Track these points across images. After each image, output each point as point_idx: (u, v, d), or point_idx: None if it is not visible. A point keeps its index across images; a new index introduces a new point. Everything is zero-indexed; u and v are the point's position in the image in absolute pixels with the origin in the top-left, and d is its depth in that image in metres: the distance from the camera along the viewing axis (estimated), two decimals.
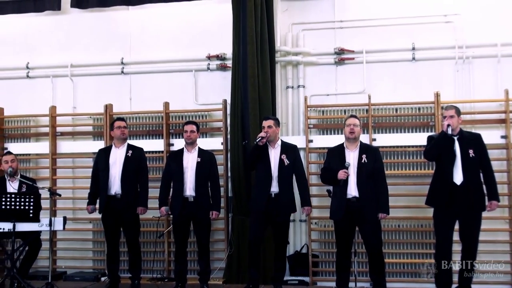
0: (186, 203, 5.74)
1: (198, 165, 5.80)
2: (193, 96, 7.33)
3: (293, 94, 7.18)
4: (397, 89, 6.91)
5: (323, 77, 7.13)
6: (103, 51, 7.60)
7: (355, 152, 5.37)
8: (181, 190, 5.74)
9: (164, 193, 5.91)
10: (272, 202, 5.55)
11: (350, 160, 5.33)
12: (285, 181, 5.59)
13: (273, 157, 5.65)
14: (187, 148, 5.92)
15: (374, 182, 5.30)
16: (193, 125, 5.96)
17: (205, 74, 7.37)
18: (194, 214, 5.76)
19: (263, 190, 5.57)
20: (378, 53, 7.00)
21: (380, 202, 5.29)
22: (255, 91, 6.58)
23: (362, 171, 5.28)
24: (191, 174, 5.77)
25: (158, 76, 7.46)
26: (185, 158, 5.86)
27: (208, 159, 5.88)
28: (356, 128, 5.38)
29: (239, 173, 6.54)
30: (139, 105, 7.39)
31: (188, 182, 5.76)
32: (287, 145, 5.77)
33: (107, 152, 6.09)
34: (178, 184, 5.78)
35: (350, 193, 5.28)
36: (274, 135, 5.68)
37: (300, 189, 5.68)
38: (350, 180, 5.27)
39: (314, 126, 6.97)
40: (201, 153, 5.90)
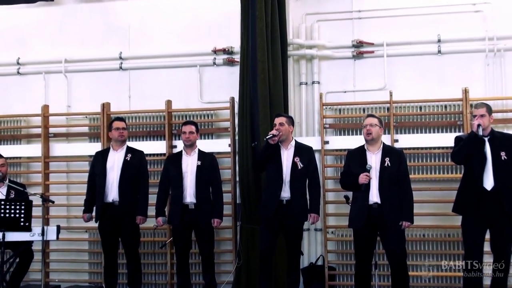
0: (186, 210, 5.76)
1: (199, 169, 5.81)
2: (198, 93, 7.34)
3: (307, 91, 7.17)
4: (421, 85, 6.88)
5: (340, 72, 7.12)
6: (100, 45, 7.63)
7: (378, 154, 5.35)
8: (181, 196, 5.76)
9: (162, 201, 5.94)
10: (283, 208, 5.55)
11: (372, 163, 5.31)
12: (298, 187, 5.58)
13: (285, 158, 5.64)
14: (186, 150, 5.93)
15: (398, 188, 5.27)
16: (192, 126, 5.97)
17: (210, 70, 7.38)
18: (195, 223, 5.77)
19: (273, 195, 5.57)
20: (400, 46, 6.98)
21: (404, 210, 5.26)
22: (265, 87, 6.58)
23: (385, 176, 5.26)
24: (191, 179, 5.79)
25: (160, 72, 7.48)
26: (184, 161, 5.87)
27: (209, 162, 5.89)
28: (373, 128, 5.35)
29: (248, 178, 6.55)
30: (139, 104, 7.41)
31: (188, 188, 5.78)
32: (301, 146, 5.76)
33: (105, 155, 6.11)
34: (177, 190, 5.80)
35: (372, 199, 5.25)
36: (287, 134, 5.67)
37: (310, 194, 5.67)
38: (371, 185, 5.25)
39: (330, 126, 6.96)
40: (201, 156, 5.92)
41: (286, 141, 5.69)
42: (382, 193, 5.23)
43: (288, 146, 5.68)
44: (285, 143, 5.69)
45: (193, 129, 5.93)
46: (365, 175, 5.21)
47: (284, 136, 5.65)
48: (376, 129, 5.36)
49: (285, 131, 5.64)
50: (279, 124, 5.65)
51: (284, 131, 5.64)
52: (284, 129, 5.64)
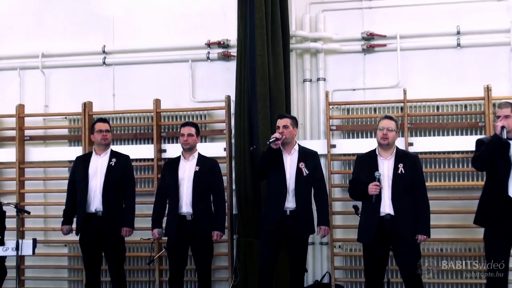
0: (183, 222, 5.73)
1: (196, 175, 5.78)
2: (190, 91, 7.33)
3: (312, 89, 7.17)
4: (438, 82, 6.88)
5: (348, 68, 7.12)
6: (81, 37, 7.63)
7: (390, 160, 5.33)
8: (176, 206, 5.74)
9: (158, 212, 5.91)
10: (287, 220, 5.54)
11: (384, 170, 5.28)
12: (304, 195, 5.58)
13: (288, 164, 5.63)
14: (184, 155, 5.91)
15: (413, 197, 5.25)
16: (192, 127, 5.95)
17: (204, 65, 7.37)
18: (192, 236, 5.75)
19: (276, 206, 5.56)
20: (416, 39, 6.99)
21: (420, 222, 5.24)
22: (265, 85, 6.58)
23: (398, 184, 5.23)
24: (187, 186, 5.76)
25: (148, 67, 7.47)
26: (181, 167, 5.86)
27: (209, 168, 5.86)
28: (390, 133, 5.32)
29: (246, 186, 6.53)
30: (125, 103, 7.40)
31: (184, 197, 5.75)
32: (306, 150, 5.76)
33: (86, 160, 6.09)
34: (173, 199, 5.78)
35: (384, 210, 5.22)
36: (291, 138, 5.66)
37: (318, 205, 5.67)
38: (383, 194, 5.22)
39: (337, 128, 6.96)
40: (201, 160, 5.89)
41: (289, 145, 5.68)
42: (395, 203, 5.21)
43: (291, 151, 5.67)
44: (288, 147, 5.67)
45: (193, 131, 5.91)
46: (375, 185, 5.18)
47: (288, 140, 5.63)
48: (393, 134, 5.34)
49: (289, 135, 5.63)
50: (283, 127, 5.63)
51: (289, 134, 5.63)
52: (289, 132, 5.63)
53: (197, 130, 5.98)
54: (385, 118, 5.41)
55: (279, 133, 5.59)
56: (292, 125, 5.68)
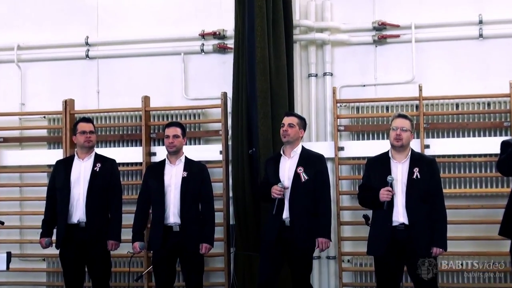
0: (170, 233, 5.72)
1: (184, 181, 5.77)
2: (182, 88, 7.33)
3: (317, 85, 7.17)
4: (458, 78, 6.88)
5: (357, 61, 7.12)
6: (62, 28, 7.63)
7: (404, 164, 5.30)
8: (162, 216, 5.72)
9: (140, 223, 5.88)
10: (287, 232, 5.52)
11: (398, 174, 5.25)
12: (302, 204, 5.51)
13: (287, 169, 5.59)
14: (169, 159, 5.89)
15: (429, 205, 5.24)
16: (177, 128, 5.92)
17: (198, 58, 7.38)
18: (180, 249, 5.73)
19: (275, 216, 5.54)
20: (432, 29, 6.99)
21: (435, 233, 5.22)
22: (265, 81, 6.57)
23: (413, 190, 5.20)
24: (174, 194, 5.74)
25: (135, 61, 7.48)
26: (166, 173, 5.84)
27: (197, 173, 5.85)
28: (404, 133, 5.30)
29: (244, 193, 6.53)
30: (110, 101, 7.41)
31: (171, 205, 5.73)
32: (309, 154, 5.70)
33: (68, 165, 6.06)
34: (158, 208, 5.76)
35: (396, 219, 5.18)
36: (295, 138, 5.63)
37: (319, 215, 5.55)
38: (396, 202, 5.19)
39: (345, 129, 6.96)
40: (189, 165, 5.88)
41: (291, 147, 5.63)
42: (409, 211, 5.17)
43: (291, 154, 5.63)
44: (289, 149, 5.62)
45: (178, 132, 5.88)
46: (387, 191, 5.16)
47: (291, 139, 5.61)
48: (407, 135, 5.31)
49: (294, 134, 5.61)
50: (288, 124, 5.61)
51: (293, 133, 5.61)
52: (293, 132, 5.60)
53: (183, 130, 5.95)
54: (398, 117, 5.39)
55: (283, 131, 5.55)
56: (299, 125, 5.64)
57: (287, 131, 5.57)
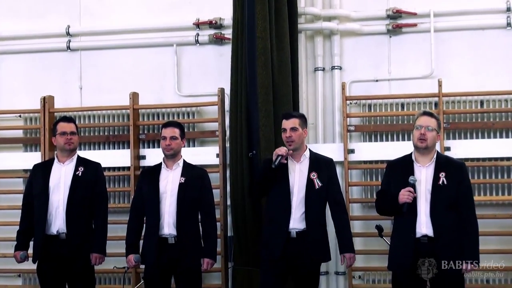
0: (165, 246, 5.69)
1: (182, 188, 5.74)
2: (174, 83, 7.34)
3: (325, 80, 7.17)
4: (482, 72, 6.89)
5: (369, 53, 7.13)
6: (40, 16, 7.63)
7: (429, 168, 5.25)
8: (156, 226, 5.69)
9: (134, 233, 5.84)
10: (293, 245, 5.49)
11: (422, 180, 5.18)
12: (316, 214, 5.51)
13: (297, 175, 5.58)
14: (166, 163, 5.88)
15: (457, 214, 5.21)
16: (175, 128, 5.90)
17: (192, 50, 7.39)
18: (176, 263, 5.72)
19: (280, 227, 5.50)
20: (454, 17, 7.01)
21: (466, 246, 5.18)
22: (267, 75, 6.58)
23: (439, 198, 5.14)
24: (171, 202, 5.71)
25: (122, 53, 7.50)
26: (162, 178, 5.81)
27: (197, 179, 5.82)
28: (430, 133, 5.23)
29: (244, 201, 6.53)
30: (94, 98, 7.42)
31: (167, 215, 5.70)
32: (318, 158, 5.70)
33: (46, 169, 6.05)
34: (152, 218, 5.73)
35: (420, 231, 5.12)
36: (300, 142, 5.61)
37: (337, 226, 5.59)
38: (419, 210, 5.14)
39: (356, 129, 6.95)
40: (187, 170, 5.85)
41: (299, 151, 5.61)
42: (434, 222, 5.10)
43: (300, 158, 5.61)
44: (297, 154, 5.60)
45: (177, 133, 5.85)
46: (408, 191, 5.13)
47: (297, 145, 5.61)
48: (433, 135, 5.25)
49: (298, 138, 5.59)
50: (290, 129, 5.56)
51: (298, 138, 5.58)
52: (297, 136, 5.57)
53: (182, 131, 5.93)
54: (423, 115, 5.33)
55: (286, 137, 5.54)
56: (301, 125, 5.60)
57: (291, 137, 5.52)
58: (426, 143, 5.19)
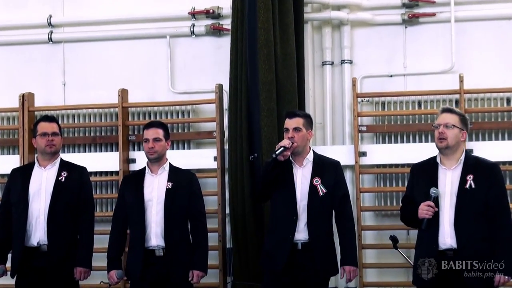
0: (151, 259, 5.69)
1: (169, 194, 5.74)
2: (168, 79, 7.35)
3: (333, 75, 7.19)
4: (508, 66, 6.89)
5: (383, 46, 7.14)
6: (19, 5, 7.65)
7: (455, 170, 5.18)
8: (142, 238, 5.69)
9: (116, 246, 5.87)
10: (298, 257, 5.50)
11: (447, 183, 5.14)
12: (320, 223, 5.52)
13: (299, 181, 5.58)
14: (150, 167, 5.87)
15: (487, 222, 5.18)
16: (158, 129, 5.88)
17: (187, 43, 7.41)
18: (164, 278, 5.72)
19: (283, 237, 5.51)
20: (476, 5, 7.03)
21: (499, 256, 5.09)
22: (270, 70, 6.59)
23: (466, 204, 5.06)
24: (157, 210, 5.72)
25: (110, 45, 7.51)
26: (147, 184, 5.81)
27: (185, 184, 5.83)
28: (450, 131, 5.17)
29: (244, 209, 6.54)
30: (79, 95, 7.43)
31: (153, 224, 5.70)
32: (323, 161, 5.69)
33: (26, 174, 6.04)
34: (137, 228, 5.73)
35: (443, 242, 5.10)
36: (303, 144, 5.61)
37: (341, 236, 5.59)
38: (442, 219, 5.09)
39: (368, 129, 6.95)
40: (174, 174, 5.85)
41: (301, 154, 5.61)
42: (459, 232, 5.04)
43: (303, 162, 5.60)
44: (299, 157, 5.60)
45: (160, 134, 5.83)
46: (427, 206, 5.10)
47: (300, 148, 5.60)
48: (454, 133, 5.19)
49: (301, 140, 5.57)
50: (293, 129, 5.55)
51: (301, 140, 5.57)
52: (301, 137, 5.56)
53: (165, 132, 5.90)
54: (443, 112, 5.27)
55: (288, 138, 5.56)
56: (305, 126, 5.59)
57: (294, 138, 5.50)
58: (446, 142, 5.13)
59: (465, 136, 5.23)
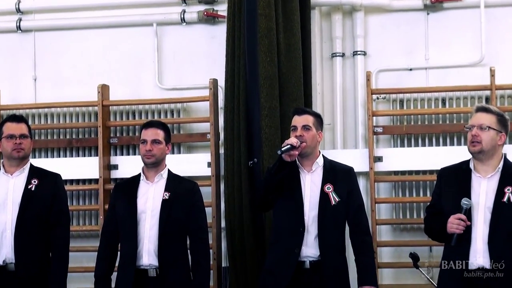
0: (144, 280, 5.66)
1: (165, 206, 5.71)
2: (155, 73, 7.37)
3: (345, 69, 7.21)
4: None
5: (402, 35, 7.16)
6: None
7: (492, 179, 5.13)
8: (133, 255, 5.66)
9: (105, 263, 5.83)
10: (306, 276, 5.49)
11: (481, 194, 5.11)
12: (332, 237, 5.50)
13: (308, 188, 5.56)
14: (146, 174, 5.85)
15: None
16: (158, 130, 5.85)
17: (177, 31, 7.44)
18: None
19: (288, 253, 5.49)
20: None
21: None
22: (272, 63, 6.61)
23: (503, 219, 5.02)
24: (152, 224, 5.69)
25: (89, 35, 7.53)
26: (141, 194, 5.78)
27: (185, 195, 5.81)
28: (485, 133, 5.11)
29: (242, 222, 6.55)
30: (52, 92, 7.45)
31: (146, 240, 5.67)
32: (335, 166, 5.68)
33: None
34: (128, 243, 5.70)
35: (475, 262, 5.07)
36: (313, 145, 5.59)
37: (357, 252, 5.55)
38: (475, 235, 5.06)
39: (385, 131, 6.95)
40: (173, 183, 5.83)
41: (310, 158, 5.59)
42: (494, 251, 5.02)
43: (312, 167, 5.59)
44: (308, 161, 5.59)
45: (160, 136, 5.78)
46: (457, 219, 5.05)
47: (308, 150, 5.58)
48: (489, 135, 5.13)
49: (311, 140, 5.55)
50: (302, 127, 5.53)
51: (310, 139, 5.54)
52: (311, 137, 5.54)
53: (167, 134, 5.88)
54: (477, 111, 5.22)
55: (296, 137, 5.52)
56: (315, 126, 5.58)
57: (303, 136, 5.47)
58: (480, 146, 5.07)
59: (503, 139, 5.15)
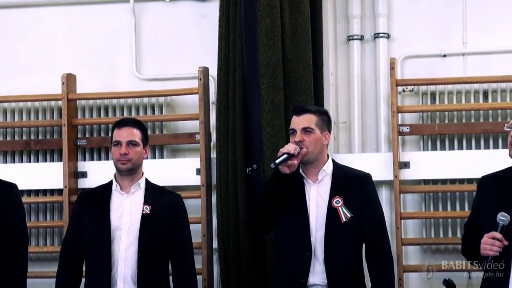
0: None
1: (146, 221, 5.74)
2: (132, 60, 7.39)
3: (364, 54, 7.26)
4: None
5: (432, 14, 7.16)
6: None
7: None
8: (104, 281, 5.67)
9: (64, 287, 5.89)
10: None
11: None
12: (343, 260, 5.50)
13: (313, 202, 5.58)
14: (120, 182, 5.85)
15: None
16: (134, 129, 5.85)
17: (158, 9, 7.47)
18: None
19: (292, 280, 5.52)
20: None
21: None
22: (274, 49, 6.65)
23: None
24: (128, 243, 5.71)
25: (50, 13, 7.56)
26: (115, 206, 5.80)
27: (168, 209, 5.84)
28: None
29: (239, 242, 6.56)
30: (7, 84, 7.48)
31: (121, 263, 5.69)
32: (347, 173, 5.70)
33: None
34: (99, 268, 5.71)
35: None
36: (317, 151, 5.59)
37: (375, 278, 5.58)
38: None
39: (412, 130, 6.93)
40: (153, 194, 5.87)
41: (315, 165, 5.61)
42: None
43: (318, 176, 5.60)
44: (313, 169, 5.60)
45: (137, 136, 5.79)
46: (492, 238, 5.06)
47: (312, 155, 5.56)
48: None
49: (314, 145, 5.54)
50: (301, 130, 5.54)
51: (313, 144, 5.54)
52: (313, 141, 5.54)
53: (143, 134, 5.88)
54: None
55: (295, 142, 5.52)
56: (320, 126, 5.59)
57: (303, 142, 5.48)
58: None
59: None
